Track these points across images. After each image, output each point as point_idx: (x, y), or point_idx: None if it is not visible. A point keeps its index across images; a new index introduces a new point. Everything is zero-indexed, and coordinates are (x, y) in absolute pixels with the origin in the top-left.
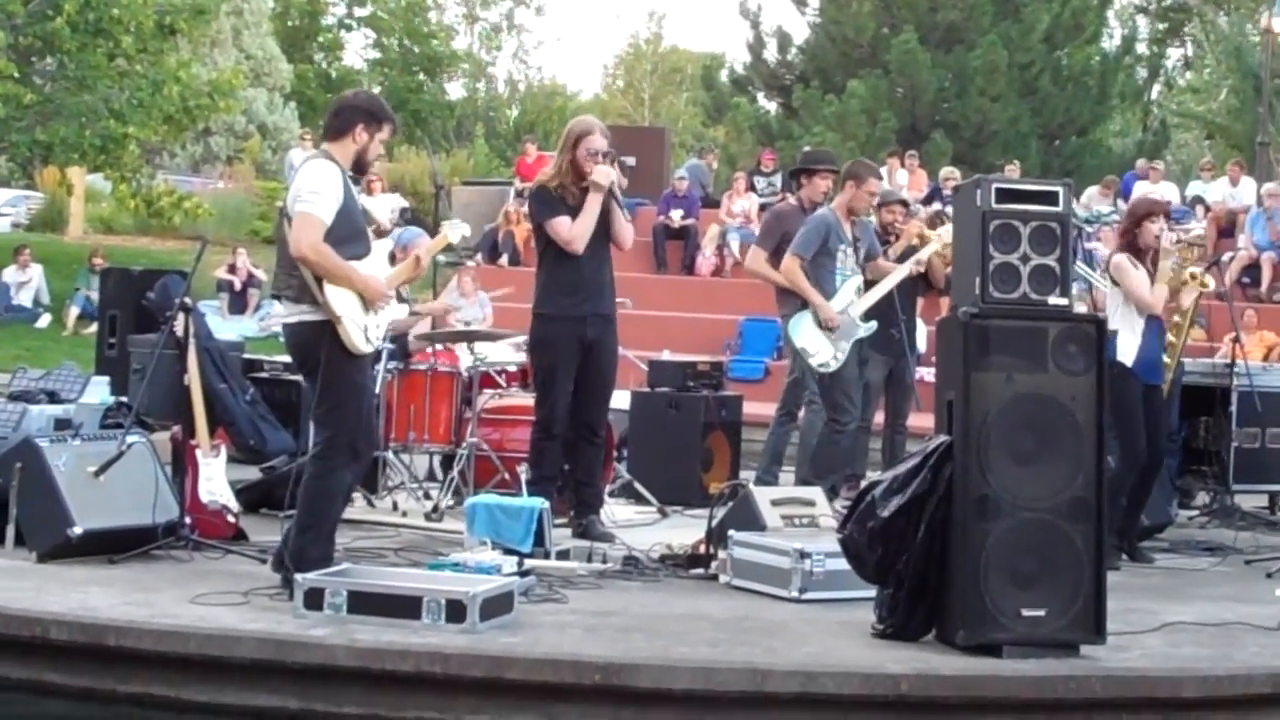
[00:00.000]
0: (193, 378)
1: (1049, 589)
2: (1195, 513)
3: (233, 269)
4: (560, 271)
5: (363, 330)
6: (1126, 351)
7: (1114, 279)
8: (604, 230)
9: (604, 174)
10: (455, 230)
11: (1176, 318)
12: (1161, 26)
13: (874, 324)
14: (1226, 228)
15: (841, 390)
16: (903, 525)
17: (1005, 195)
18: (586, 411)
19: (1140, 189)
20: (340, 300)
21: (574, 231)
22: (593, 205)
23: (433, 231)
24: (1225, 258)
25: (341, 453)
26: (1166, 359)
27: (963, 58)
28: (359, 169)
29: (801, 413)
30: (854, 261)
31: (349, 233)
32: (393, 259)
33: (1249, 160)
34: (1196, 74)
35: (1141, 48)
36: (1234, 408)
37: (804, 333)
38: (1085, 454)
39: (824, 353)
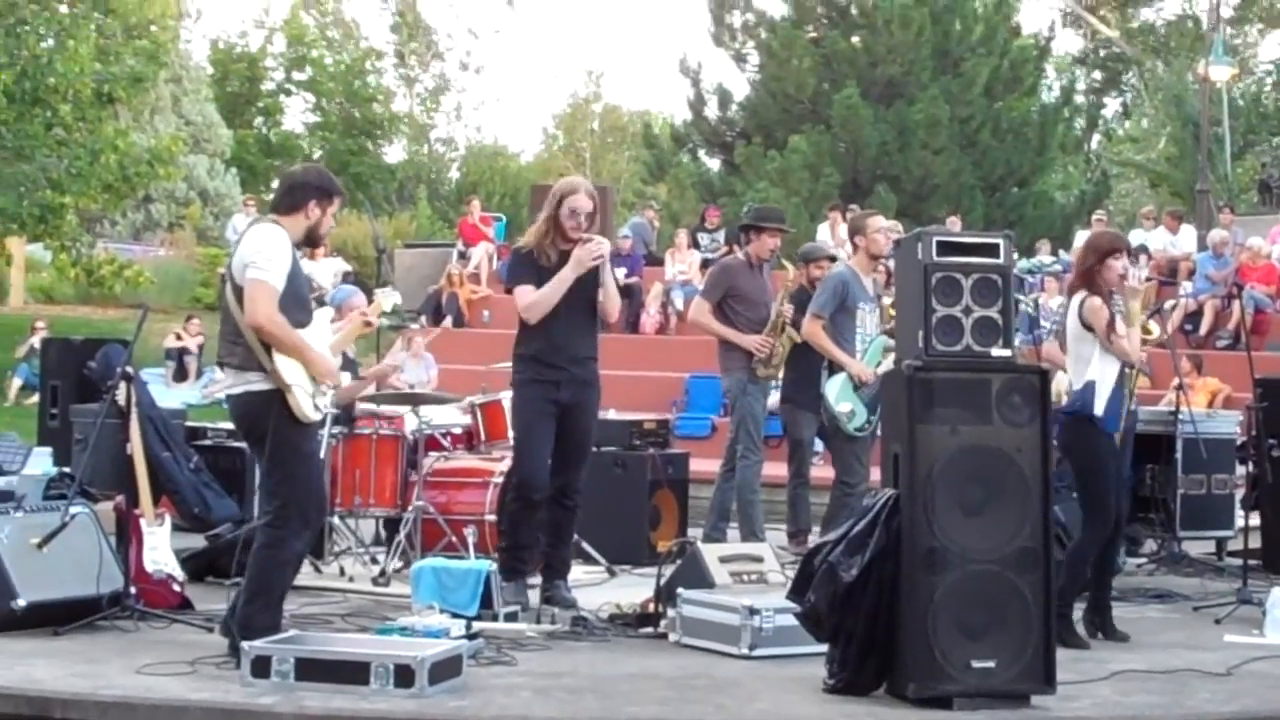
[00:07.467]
0: (135, 447)
1: (998, 640)
2: (1143, 560)
3: (180, 336)
4: (529, 336)
5: (311, 397)
6: (1101, 404)
7: (1086, 324)
8: (584, 295)
9: (589, 252)
10: (388, 298)
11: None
12: (1099, 76)
13: None
14: (1167, 276)
15: (854, 453)
16: (865, 584)
17: (946, 248)
18: (559, 473)
19: (1082, 239)
20: (289, 368)
21: (530, 300)
22: (565, 277)
23: (371, 295)
24: (1167, 305)
25: (293, 521)
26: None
27: (904, 112)
28: (311, 243)
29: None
30: (877, 320)
31: (294, 300)
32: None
33: (1189, 208)
34: (1135, 123)
35: (1080, 98)
36: (1179, 455)
37: (841, 395)
38: (1032, 505)
39: (861, 414)
